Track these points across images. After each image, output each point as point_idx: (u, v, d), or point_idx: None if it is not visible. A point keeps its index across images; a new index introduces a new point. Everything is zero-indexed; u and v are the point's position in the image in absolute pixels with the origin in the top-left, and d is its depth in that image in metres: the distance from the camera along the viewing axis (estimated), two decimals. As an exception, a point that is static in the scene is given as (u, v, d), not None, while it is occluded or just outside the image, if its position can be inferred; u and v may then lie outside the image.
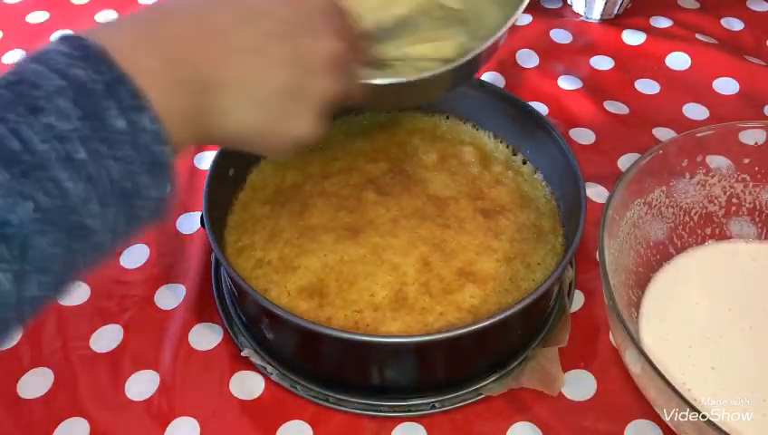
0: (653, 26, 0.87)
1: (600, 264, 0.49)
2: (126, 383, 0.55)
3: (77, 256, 0.33)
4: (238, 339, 0.58)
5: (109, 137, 0.32)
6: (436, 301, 0.54)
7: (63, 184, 0.31)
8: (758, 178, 0.59)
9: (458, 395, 0.54)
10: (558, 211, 0.61)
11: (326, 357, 0.55)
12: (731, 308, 0.56)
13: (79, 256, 0.33)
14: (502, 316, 0.49)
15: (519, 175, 0.64)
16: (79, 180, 0.31)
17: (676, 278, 0.58)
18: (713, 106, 0.77)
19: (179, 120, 0.36)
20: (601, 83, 0.80)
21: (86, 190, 0.32)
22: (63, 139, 0.31)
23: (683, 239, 0.59)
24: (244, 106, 0.40)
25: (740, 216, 0.60)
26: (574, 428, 0.53)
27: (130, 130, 0.33)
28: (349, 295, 0.54)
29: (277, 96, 0.40)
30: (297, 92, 0.41)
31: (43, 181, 0.31)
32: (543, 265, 0.57)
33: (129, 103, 0.33)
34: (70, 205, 0.31)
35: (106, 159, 0.32)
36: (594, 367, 0.56)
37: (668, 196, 0.58)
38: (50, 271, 0.32)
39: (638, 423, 0.53)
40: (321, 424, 0.53)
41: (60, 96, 0.32)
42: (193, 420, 0.53)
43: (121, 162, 0.33)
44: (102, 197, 0.32)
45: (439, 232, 0.58)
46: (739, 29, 0.87)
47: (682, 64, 0.82)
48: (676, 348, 0.53)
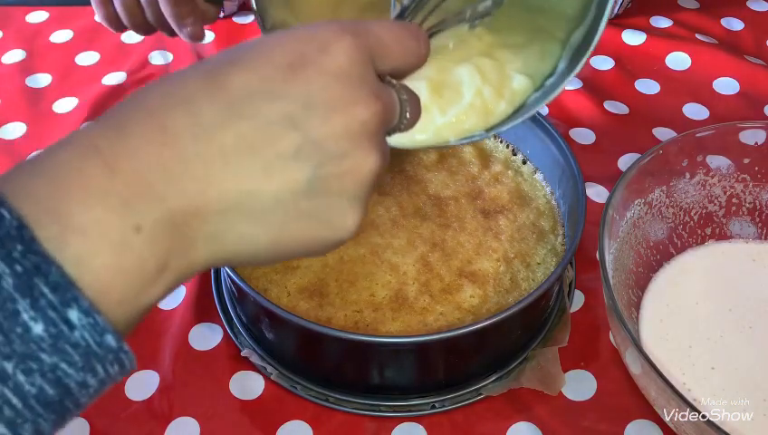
0: (653, 26, 0.87)
1: (600, 264, 0.49)
2: (126, 383, 0.55)
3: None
4: (238, 339, 0.58)
5: (19, 350, 0.25)
6: (436, 301, 0.54)
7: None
8: (758, 178, 0.59)
9: (458, 395, 0.54)
10: (558, 211, 0.61)
11: (326, 357, 0.55)
12: (731, 308, 0.55)
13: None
14: (502, 316, 0.49)
15: (519, 175, 0.64)
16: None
17: (676, 278, 0.58)
18: (713, 106, 0.77)
19: (146, 276, 0.28)
20: (601, 83, 0.80)
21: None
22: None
23: (683, 239, 0.59)
24: (241, 225, 0.30)
25: (740, 216, 0.60)
26: (574, 428, 0.53)
27: (53, 334, 0.26)
28: (349, 295, 0.54)
29: (290, 200, 0.31)
30: (320, 188, 0.31)
31: None
32: (543, 265, 0.57)
33: (49, 300, 0.25)
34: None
35: (13, 377, 0.25)
36: (594, 367, 0.56)
37: (668, 196, 0.58)
38: None
39: (638, 423, 0.53)
40: (321, 424, 0.53)
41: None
42: (193, 420, 0.53)
43: (36, 375, 0.25)
44: (10, 422, 0.25)
45: (439, 232, 0.58)
46: (739, 29, 0.87)
47: (682, 64, 0.82)
48: (676, 348, 0.53)
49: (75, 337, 0.26)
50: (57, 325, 0.26)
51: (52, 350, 0.25)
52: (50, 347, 0.25)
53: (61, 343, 0.26)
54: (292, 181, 0.31)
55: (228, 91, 0.30)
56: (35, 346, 0.25)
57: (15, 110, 0.79)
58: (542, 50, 0.49)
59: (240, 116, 0.30)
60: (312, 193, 0.31)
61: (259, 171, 0.30)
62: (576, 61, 0.46)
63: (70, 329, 0.26)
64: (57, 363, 0.26)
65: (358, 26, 0.33)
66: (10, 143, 0.75)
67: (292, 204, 0.31)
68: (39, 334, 0.25)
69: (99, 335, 0.26)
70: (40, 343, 0.25)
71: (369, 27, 0.34)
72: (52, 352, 0.26)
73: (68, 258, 0.26)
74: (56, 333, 0.25)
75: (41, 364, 0.25)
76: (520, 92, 0.48)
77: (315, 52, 0.32)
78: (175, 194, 0.29)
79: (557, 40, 0.49)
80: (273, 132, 0.30)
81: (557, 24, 0.49)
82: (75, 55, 0.85)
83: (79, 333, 0.26)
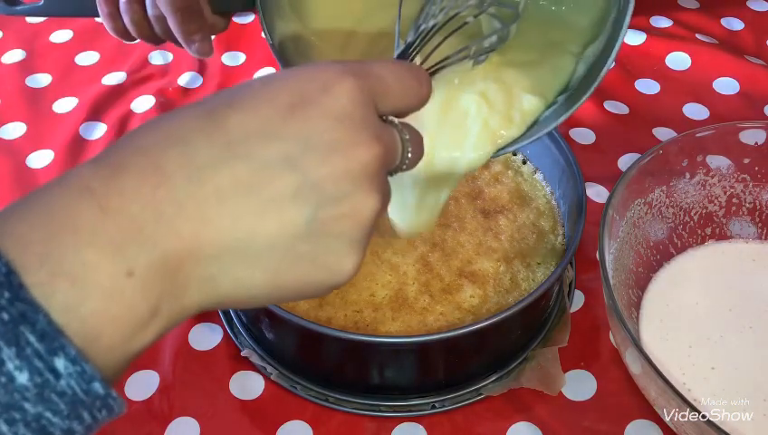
0: (653, 26, 0.87)
1: (600, 264, 0.49)
2: (126, 383, 0.55)
3: None
4: (238, 339, 0.58)
5: (2, 400, 0.24)
6: (436, 301, 0.54)
7: None
8: (758, 178, 0.59)
9: (458, 395, 0.54)
10: (558, 211, 0.61)
11: (326, 357, 0.55)
12: (731, 308, 0.55)
13: None
14: (502, 316, 0.49)
15: (519, 174, 0.64)
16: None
17: (676, 278, 0.58)
18: (713, 106, 0.77)
19: (137, 321, 0.27)
20: (601, 83, 0.80)
21: None
22: None
23: (683, 239, 0.59)
24: (236, 268, 0.30)
25: (740, 216, 0.60)
26: (574, 428, 0.53)
27: (39, 384, 0.25)
28: (349, 295, 0.54)
29: (287, 242, 0.30)
30: (319, 230, 0.31)
31: None
32: (543, 265, 0.57)
33: (35, 349, 0.25)
34: None
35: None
36: (594, 367, 0.56)
37: (668, 196, 0.58)
38: None
39: (638, 423, 0.53)
40: (321, 424, 0.53)
41: None
42: (193, 420, 0.53)
43: (20, 425, 0.25)
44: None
45: (439, 232, 0.58)
46: (739, 29, 0.87)
47: (682, 64, 0.82)
48: (676, 348, 0.53)
49: (61, 386, 0.25)
50: (43, 374, 0.25)
51: (36, 399, 0.25)
52: (35, 397, 0.25)
53: (46, 392, 0.25)
54: (289, 223, 0.30)
55: (225, 131, 0.29)
56: (19, 396, 0.25)
57: (15, 110, 0.79)
58: (554, 65, 0.48)
59: (236, 157, 0.29)
60: (310, 236, 0.30)
61: (255, 213, 0.29)
62: (595, 74, 0.46)
63: (56, 378, 0.25)
64: (42, 413, 0.25)
65: (360, 67, 0.33)
66: (10, 143, 0.75)
67: (289, 247, 0.30)
68: (23, 384, 0.25)
69: (86, 383, 0.26)
70: (24, 393, 0.25)
71: (371, 68, 0.34)
72: (37, 402, 0.25)
73: (56, 305, 0.25)
74: (42, 382, 0.25)
75: (24, 414, 0.25)
76: (530, 113, 0.48)
77: (316, 92, 0.31)
78: (168, 236, 0.28)
79: (570, 54, 0.48)
80: (271, 173, 0.29)
81: (570, 38, 0.48)
82: (75, 55, 0.85)
83: (65, 381, 0.25)
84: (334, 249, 0.31)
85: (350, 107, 0.31)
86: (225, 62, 0.84)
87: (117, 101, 0.79)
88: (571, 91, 0.48)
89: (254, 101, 0.30)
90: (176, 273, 0.28)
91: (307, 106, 0.31)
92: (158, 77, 0.82)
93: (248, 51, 0.86)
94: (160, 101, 0.79)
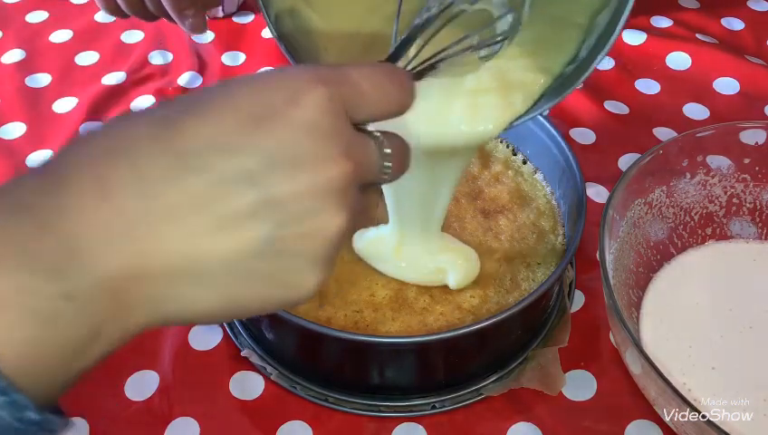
0: (653, 26, 0.87)
1: (600, 264, 0.49)
2: (126, 383, 0.55)
3: None
4: (238, 339, 0.58)
5: None
6: (436, 301, 0.54)
7: None
8: (758, 178, 0.59)
9: (458, 395, 0.54)
10: (558, 211, 0.61)
11: (326, 357, 0.55)
12: (731, 308, 0.55)
13: None
14: (502, 316, 0.49)
15: (519, 175, 0.64)
16: None
17: (676, 278, 0.58)
18: (713, 106, 0.77)
19: (75, 346, 0.26)
20: (601, 83, 0.80)
21: None
22: None
23: (683, 239, 0.59)
24: (186, 288, 0.28)
25: (740, 216, 0.60)
26: (574, 428, 0.53)
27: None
28: (349, 295, 0.54)
29: (241, 261, 0.28)
30: (276, 249, 0.29)
31: None
32: (543, 265, 0.57)
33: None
34: None
35: None
36: (594, 367, 0.56)
37: (669, 196, 0.58)
38: None
39: (638, 423, 0.53)
40: (321, 424, 0.53)
41: None
42: (193, 420, 0.53)
43: None
44: None
45: (439, 232, 0.58)
46: (739, 29, 0.87)
47: (682, 64, 0.82)
48: (676, 348, 0.53)
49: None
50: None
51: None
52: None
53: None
54: (245, 242, 0.28)
55: (180, 142, 0.27)
56: None
57: (15, 110, 0.79)
58: (559, 39, 0.46)
59: (191, 170, 0.27)
60: (267, 254, 0.29)
61: (208, 232, 0.27)
62: (604, 41, 0.44)
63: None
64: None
65: (333, 73, 0.31)
66: (10, 143, 0.75)
67: (243, 265, 0.28)
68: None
69: (18, 412, 0.24)
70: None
71: (345, 74, 0.31)
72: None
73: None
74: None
75: None
76: (535, 88, 0.46)
77: (283, 103, 0.29)
78: (112, 256, 0.26)
79: (577, 26, 0.47)
80: (228, 189, 0.27)
81: (577, 10, 0.47)
82: (75, 55, 0.85)
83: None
84: (294, 268, 0.30)
85: (319, 118, 0.29)
86: (225, 62, 0.84)
87: (117, 101, 0.79)
88: (579, 61, 0.47)
89: (216, 109, 0.28)
90: (120, 294, 0.26)
91: (272, 117, 0.29)
92: (157, 77, 0.82)
93: (248, 51, 0.85)
94: (160, 100, 0.79)
